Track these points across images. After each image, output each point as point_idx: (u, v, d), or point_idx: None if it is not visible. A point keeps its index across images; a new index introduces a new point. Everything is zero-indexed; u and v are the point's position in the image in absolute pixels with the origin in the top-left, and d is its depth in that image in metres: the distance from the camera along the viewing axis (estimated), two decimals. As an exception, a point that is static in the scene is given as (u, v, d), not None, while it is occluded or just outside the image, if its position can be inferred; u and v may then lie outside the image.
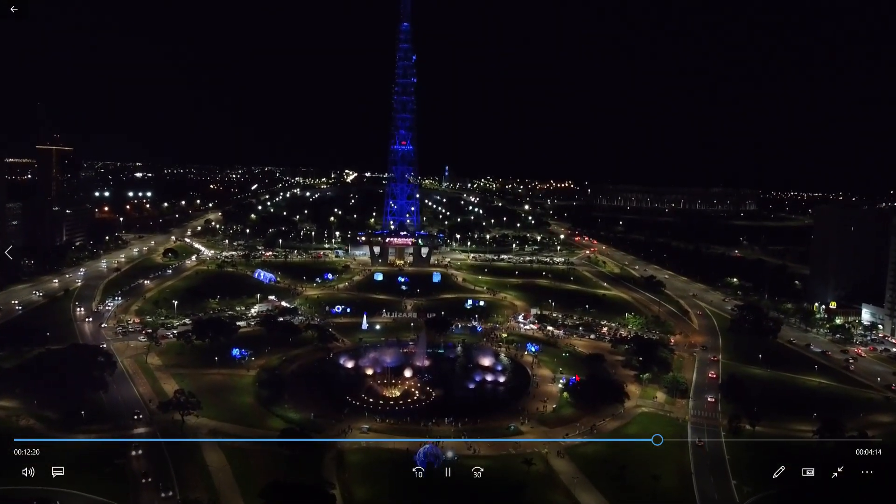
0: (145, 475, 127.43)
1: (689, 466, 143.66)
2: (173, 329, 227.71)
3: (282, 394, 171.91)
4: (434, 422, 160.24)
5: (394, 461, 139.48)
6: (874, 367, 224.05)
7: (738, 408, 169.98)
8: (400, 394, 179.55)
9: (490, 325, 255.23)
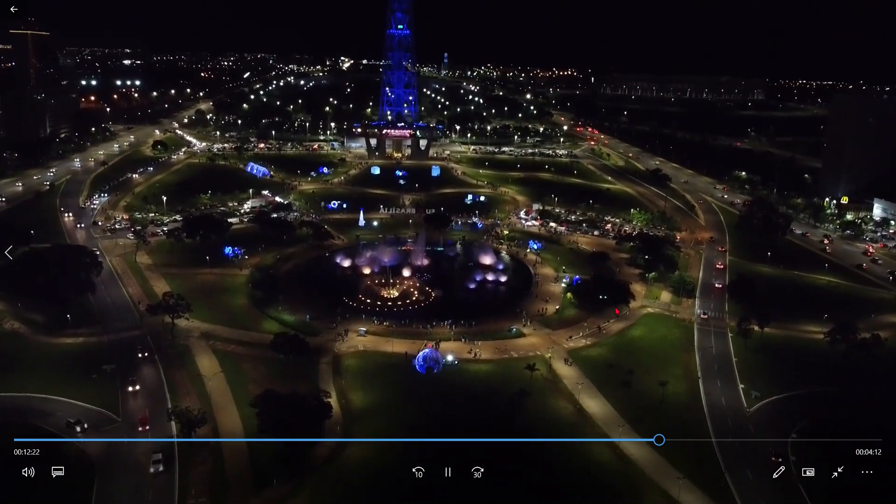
0: (135, 382, 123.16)
1: (695, 371, 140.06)
2: (163, 226, 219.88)
3: (276, 295, 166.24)
4: (433, 324, 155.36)
5: (392, 366, 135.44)
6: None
7: (747, 309, 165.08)
8: (398, 295, 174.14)
9: (491, 222, 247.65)
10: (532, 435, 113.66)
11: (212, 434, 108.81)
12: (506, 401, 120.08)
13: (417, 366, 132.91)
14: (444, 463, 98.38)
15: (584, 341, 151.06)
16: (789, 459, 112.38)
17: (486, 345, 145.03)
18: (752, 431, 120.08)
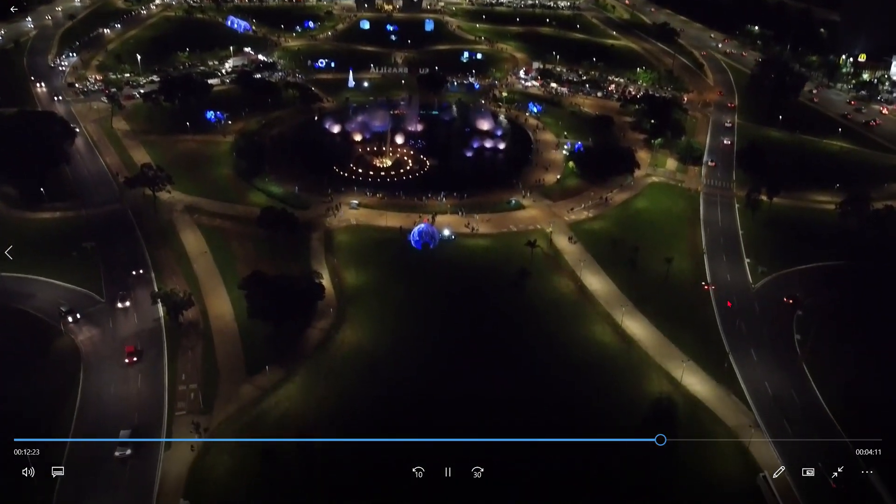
0: (117, 259, 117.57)
1: (701, 246, 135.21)
2: (139, 88, 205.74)
3: (262, 164, 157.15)
4: (429, 196, 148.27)
5: (386, 241, 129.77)
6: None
7: (756, 178, 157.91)
8: (391, 164, 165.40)
9: (488, 82, 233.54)
10: (534, 314, 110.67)
11: (200, 317, 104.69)
12: (506, 280, 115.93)
13: (413, 241, 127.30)
14: (446, 382, 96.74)
15: (585, 213, 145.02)
16: (794, 337, 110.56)
17: (484, 218, 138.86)
18: (757, 309, 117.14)
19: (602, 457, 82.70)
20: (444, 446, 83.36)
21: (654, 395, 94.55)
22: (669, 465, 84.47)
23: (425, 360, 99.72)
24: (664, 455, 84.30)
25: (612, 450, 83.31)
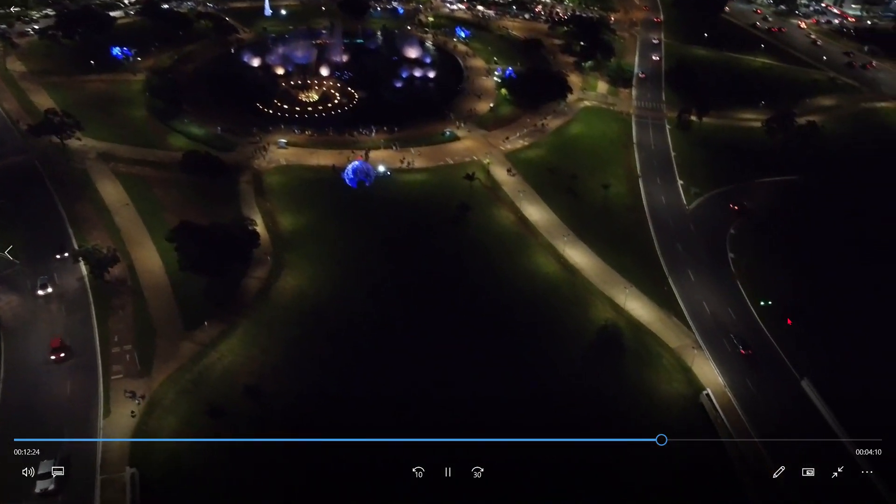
0: (32, 219, 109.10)
1: (636, 170, 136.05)
2: (33, 24, 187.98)
3: (179, 104, 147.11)
4: (360, 131, 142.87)
5: (320, 181, 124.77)
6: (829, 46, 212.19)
7: (685, 98, 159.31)
8: (318, 98, 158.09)
9: (413, 6, 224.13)
10: (477, 249, 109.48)
11: (128, 274, 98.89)
12: (447, 215, 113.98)
13: (347, 179, 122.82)
14: (393, 322, 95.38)
15: (521, 142, 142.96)
16: (728, 255, 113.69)
17: (419, 152, 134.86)
18: (692, 230, 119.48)
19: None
20: (393, 386, 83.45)
21: (601, 322, 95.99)
22: (622, 389, 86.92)
23: (370, 301, 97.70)
24: (617, 383, 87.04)
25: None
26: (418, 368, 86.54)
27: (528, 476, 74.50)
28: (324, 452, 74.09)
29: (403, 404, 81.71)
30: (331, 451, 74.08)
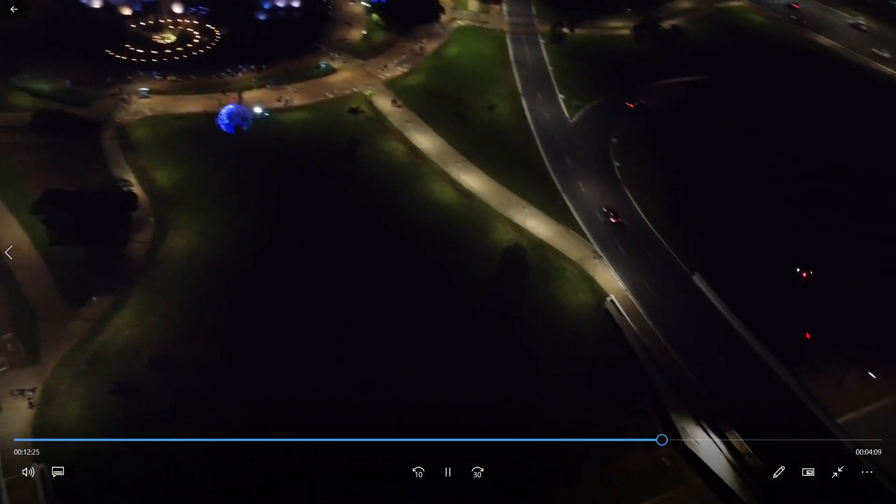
0: None
1: (517, 87, 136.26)
2: None
3: (16, 58, 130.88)
4: (228, 71, 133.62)
5: (193, 130, 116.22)
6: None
7: (556, 11, 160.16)
8: (176, 38, 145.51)
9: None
10: (372, 183, 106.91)
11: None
12: (336, 152, 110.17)
13: (223, 125, 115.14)
14: (296, 269, 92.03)
15: (400, 69, 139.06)
16: (613, 164, 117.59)
17: (295, 88, 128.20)
18: (578, 143, 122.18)
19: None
20: (307, 333, 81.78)
21: (504, 243, 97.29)
22: (531, 305, 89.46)
23: (269, 251, 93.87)
24: (527, 301, 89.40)
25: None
26: (328, 312, 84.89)
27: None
28: (242, 412, 72.25)
29: (320, 350, 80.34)
30: (248, 408, 72.40)
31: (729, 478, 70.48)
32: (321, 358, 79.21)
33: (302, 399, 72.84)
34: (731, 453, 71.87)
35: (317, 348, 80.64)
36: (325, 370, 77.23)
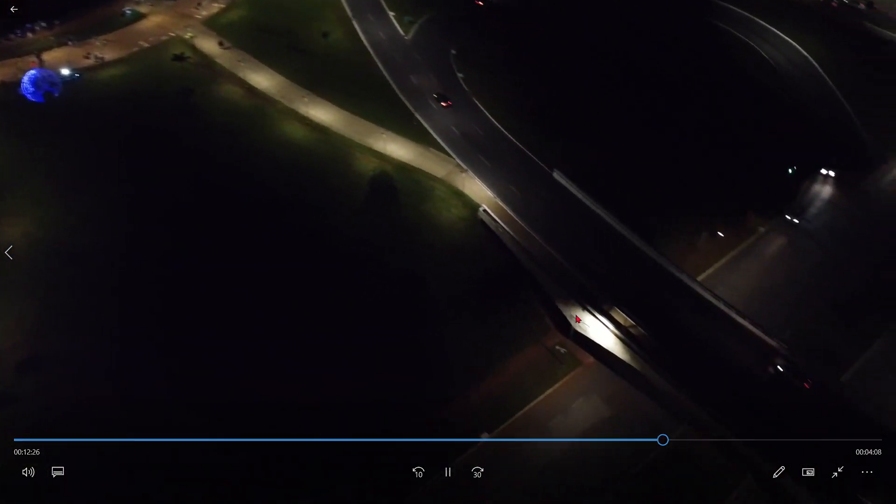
0: None
1: (345, 10, 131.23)
2: None
3: None
4: (18, 33, 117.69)
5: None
6: None
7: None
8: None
9: None
10: (217, 133, 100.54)
11: None
12: (169, 106, 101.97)
13: (28, 94, 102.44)
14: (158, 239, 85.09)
15: (216, 5, 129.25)
16: (458, 76, 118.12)
17: (105, 41, 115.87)
18: (419, 59, 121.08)
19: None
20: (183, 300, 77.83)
21: (368, 173, 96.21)
22: (407, 229, 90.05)
23: (120, 227, 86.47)
24: (402, 226, 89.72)
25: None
26: (198, 276, 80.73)
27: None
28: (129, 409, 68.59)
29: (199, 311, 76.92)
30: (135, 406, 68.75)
31: (619, 351, 76.92)
32: (206, 327, 75.84)
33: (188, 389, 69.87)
34: (617, 329, 78.12)
35: (197, 316, 76.89)
36: (211, 336, 74.48)
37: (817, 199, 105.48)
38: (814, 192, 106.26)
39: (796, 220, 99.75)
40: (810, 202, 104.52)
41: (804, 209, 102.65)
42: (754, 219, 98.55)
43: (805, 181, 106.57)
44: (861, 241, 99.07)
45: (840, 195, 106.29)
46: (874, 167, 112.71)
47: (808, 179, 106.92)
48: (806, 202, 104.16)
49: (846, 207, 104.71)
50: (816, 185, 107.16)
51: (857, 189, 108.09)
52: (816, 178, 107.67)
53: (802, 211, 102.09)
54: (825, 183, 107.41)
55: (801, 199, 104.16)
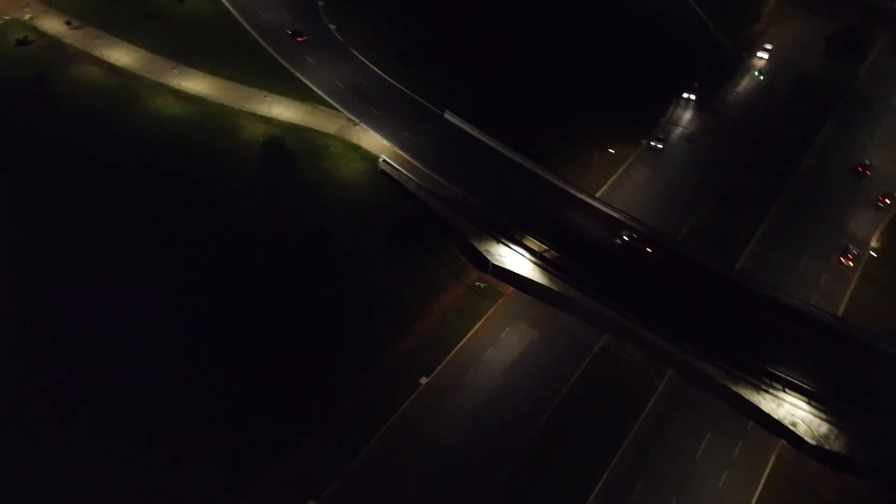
0: None
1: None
2: None
3: None
4: None
5: None
6: None
7: None
8: None
9: None
10: (81, 118, 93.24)
11: None
12: (23, 95, 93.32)
13: None
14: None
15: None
16: (330, 28, 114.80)
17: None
18: (286, 14, 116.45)
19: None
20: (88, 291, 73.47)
21: (259, 138, 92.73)
22: (310, 191, 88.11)
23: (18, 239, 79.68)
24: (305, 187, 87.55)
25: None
26: (100, 271, 76.24)
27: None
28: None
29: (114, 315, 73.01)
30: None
31: (537, 275, 79.69)
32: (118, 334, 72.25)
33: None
34: (532, 255, 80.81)
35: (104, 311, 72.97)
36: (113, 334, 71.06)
37: (682, 117, 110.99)
38: (677, 113, 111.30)
39: (660, 146, 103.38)
40: (677, 120, 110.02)
41: (671, 126, 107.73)
42: (637, 134, 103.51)
43: (669, 105, 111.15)
44: (728, 140, 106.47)
45: (700, 111, 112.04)
46: (734, 69, 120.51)
47: (672, 103, 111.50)
48: (673, 119, 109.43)
49: (708, 116, 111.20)
50: (679, 107, 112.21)
51: (716, 96, 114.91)
52: (679, 102, 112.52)
53: (668, 132, 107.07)
54: (686, 106, 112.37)
55: (668, 118, 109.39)
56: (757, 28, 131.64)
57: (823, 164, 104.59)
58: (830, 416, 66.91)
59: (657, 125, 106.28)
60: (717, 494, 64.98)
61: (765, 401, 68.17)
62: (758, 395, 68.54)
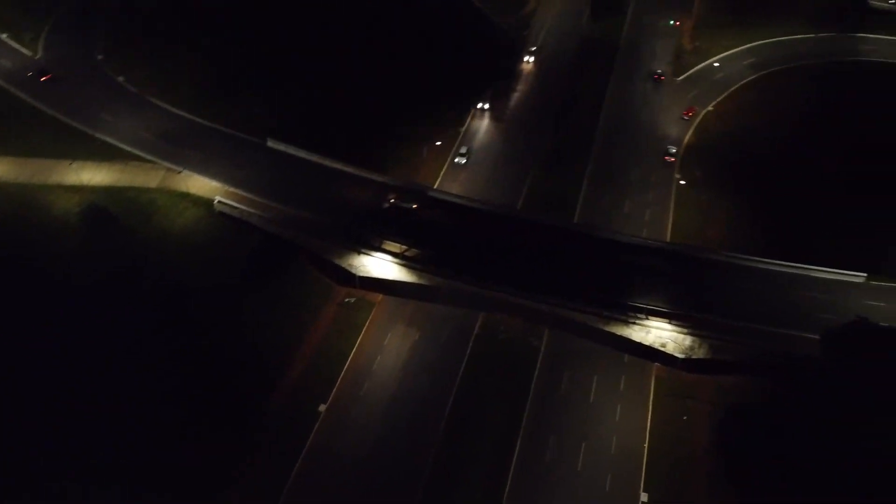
0: None
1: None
2: None
3: None
4: None
5: None
6: None
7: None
8: None
9: None
10: None
11: None
12: None
13: None
14: None
15: None
16: (118, 80, 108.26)
17: None
18: (65, 73, 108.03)
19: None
20: None
21: (74, 209, 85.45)
22: (144, 249, 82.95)
23: None
24: (142, 248, 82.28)
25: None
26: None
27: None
28: None
29: None
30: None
31: (404, 275, 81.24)
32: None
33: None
34: (393, 257, 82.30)
35: None
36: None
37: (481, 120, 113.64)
38: (474, 122, 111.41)
39: (463, 161, 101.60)
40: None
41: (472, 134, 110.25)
42: (457, 120, 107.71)
43: (466, 115, 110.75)
44: (533, 115, 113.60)
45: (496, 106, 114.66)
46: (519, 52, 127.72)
47: (468, 113, 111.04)
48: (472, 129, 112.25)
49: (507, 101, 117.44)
50: (475, 115, 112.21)
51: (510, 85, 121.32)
52: (475, 113, 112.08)
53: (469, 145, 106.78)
54: (482, 115, 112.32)
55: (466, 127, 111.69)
56: (528, 8, 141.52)
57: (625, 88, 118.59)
58: (691, 330, 75.11)
59: (472, 109, 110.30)
60: (617, 428, 70.40)
61: (634, 332, 75.07)
62: (628, 329, 75.35)
